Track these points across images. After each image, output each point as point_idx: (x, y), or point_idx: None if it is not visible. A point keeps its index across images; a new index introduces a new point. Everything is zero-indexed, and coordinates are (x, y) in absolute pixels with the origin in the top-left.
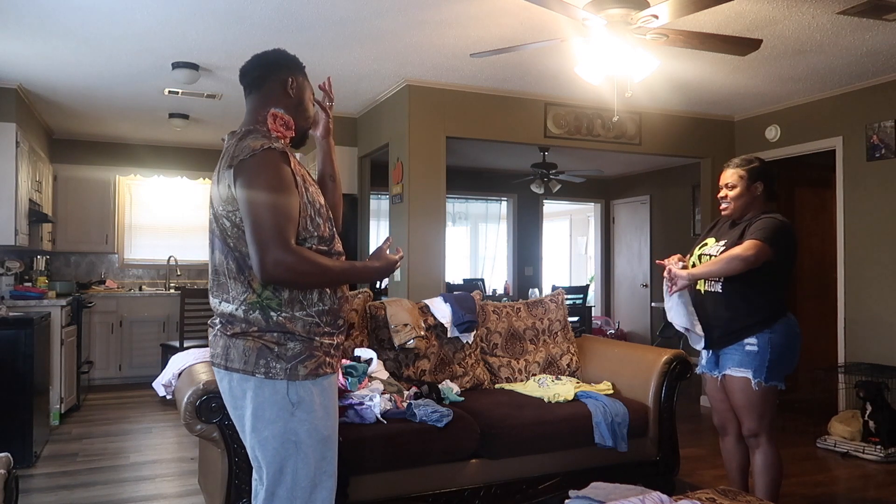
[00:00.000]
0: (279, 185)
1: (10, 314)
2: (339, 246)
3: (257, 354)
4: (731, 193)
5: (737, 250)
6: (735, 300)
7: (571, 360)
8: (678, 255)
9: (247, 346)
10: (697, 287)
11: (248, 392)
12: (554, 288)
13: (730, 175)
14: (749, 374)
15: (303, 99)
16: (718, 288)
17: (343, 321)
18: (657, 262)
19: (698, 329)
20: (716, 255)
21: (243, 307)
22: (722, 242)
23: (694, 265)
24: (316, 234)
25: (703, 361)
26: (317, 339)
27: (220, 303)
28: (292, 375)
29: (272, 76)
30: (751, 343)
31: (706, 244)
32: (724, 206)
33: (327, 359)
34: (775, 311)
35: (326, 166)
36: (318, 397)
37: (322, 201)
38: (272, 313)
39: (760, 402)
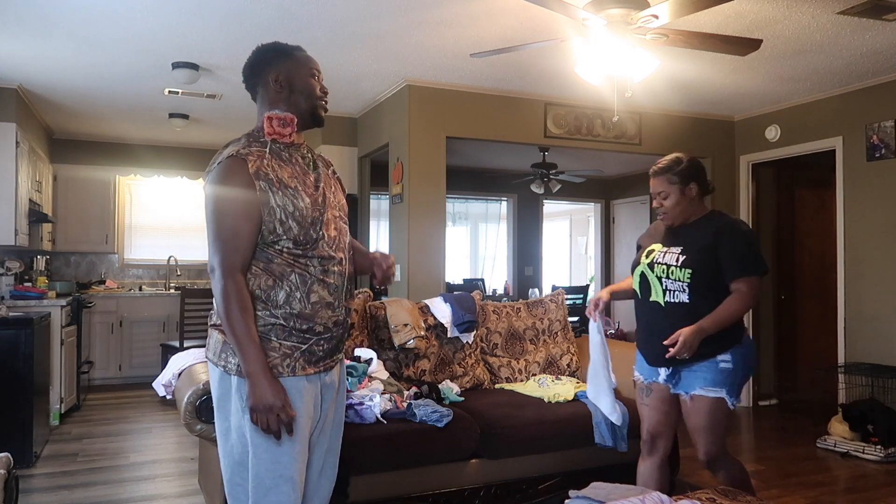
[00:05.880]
0: (229, 199)
1: (10, 314)
2: (325, 251)
3: (221, 347)
4: (667, 203)
5: (739, 299)
6: (707, 313)
7: (571, 360)
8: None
9: (217, 337)
10: (653, 299)
11: (213, 382)
12: (554, 288)
13: (658, 184)
14: (723, 394)
15: (293, 83)
16: (685, 298)
17: (323, 328)
18: (589, 312)
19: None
20: (674, 264)
21: (216, 301)
22: (679, 249)
23: (643, 274)
24: (286, 237)
25: (662, 376)
26: (275, 339)
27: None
28: (241, 372)
29: (259, 81)
30: (725, 360)
31: (653, 251)
32: (661, 216)
33: (287, 361)
34: (740, 322)
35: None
36: None
37: (305, 203)
38: None
39: (724, 423)
